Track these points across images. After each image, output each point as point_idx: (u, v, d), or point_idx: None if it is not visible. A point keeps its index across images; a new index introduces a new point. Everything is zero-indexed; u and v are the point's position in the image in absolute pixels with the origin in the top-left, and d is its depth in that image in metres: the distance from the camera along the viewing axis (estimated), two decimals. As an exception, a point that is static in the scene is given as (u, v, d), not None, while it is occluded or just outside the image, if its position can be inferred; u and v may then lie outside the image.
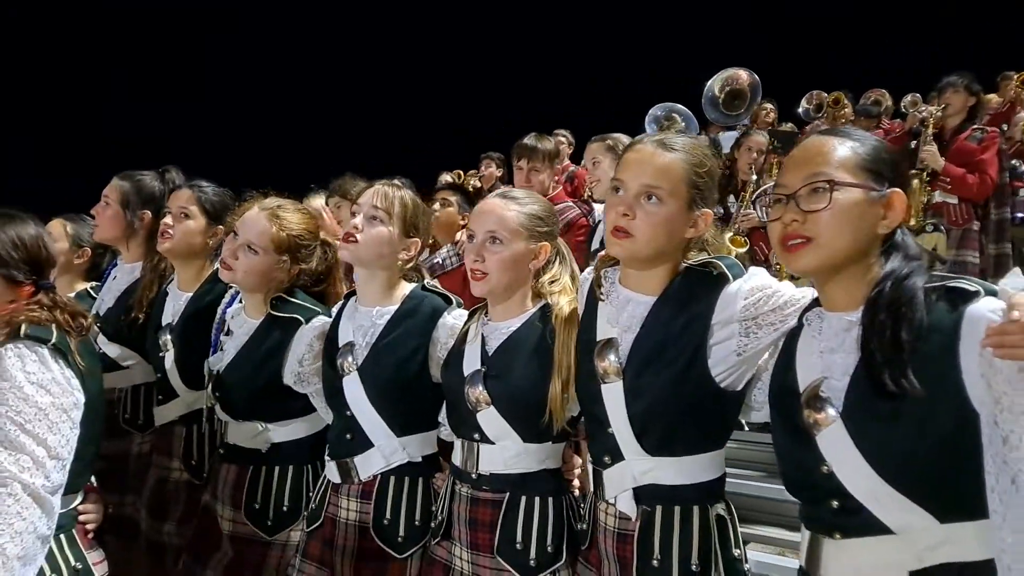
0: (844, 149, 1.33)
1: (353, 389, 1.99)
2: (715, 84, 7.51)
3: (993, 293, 1.21)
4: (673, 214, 1.58)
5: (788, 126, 6.82)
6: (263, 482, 2.15)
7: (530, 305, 1.87)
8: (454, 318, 2.02)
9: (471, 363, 1.85)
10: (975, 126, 4.84)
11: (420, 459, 2.01)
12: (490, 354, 1.84)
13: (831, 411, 1.29)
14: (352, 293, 2.15)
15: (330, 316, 2.18)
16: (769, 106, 7.28)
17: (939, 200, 4.74)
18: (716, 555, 1.57)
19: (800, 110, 7.56)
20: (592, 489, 1.72)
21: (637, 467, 1.59)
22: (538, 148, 3.69)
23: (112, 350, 2.64)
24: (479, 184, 6.83)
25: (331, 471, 2.04)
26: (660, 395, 1.56)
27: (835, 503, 1.28)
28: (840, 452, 1.27)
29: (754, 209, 4.43)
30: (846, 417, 1.27)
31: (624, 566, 1.60)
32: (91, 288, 2.93)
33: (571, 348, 1.75)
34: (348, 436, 2.01)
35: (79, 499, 1.76)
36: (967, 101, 4.86)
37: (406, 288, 2.08)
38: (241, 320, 2.26)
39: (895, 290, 1.27)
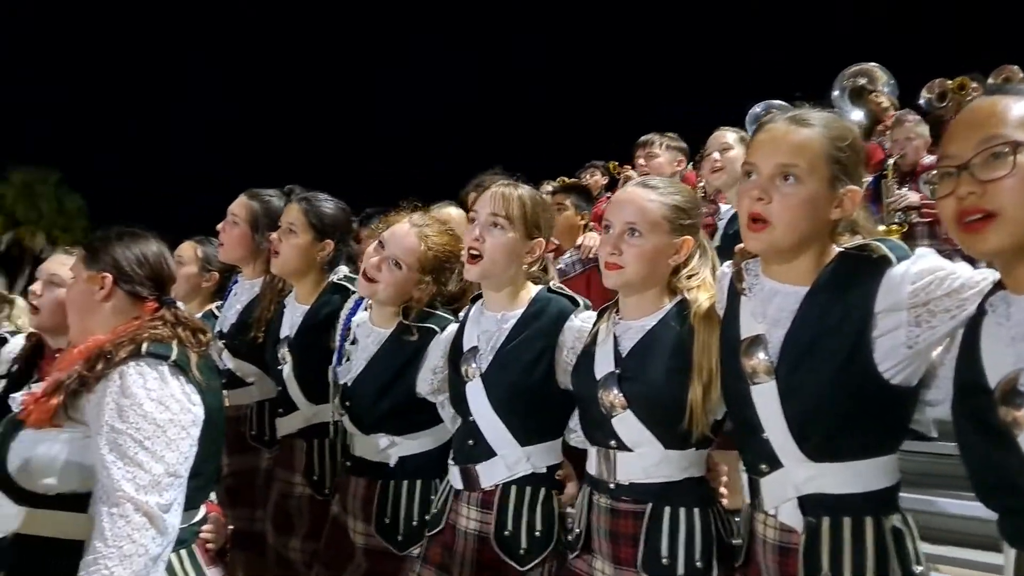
0: (1022, 107, 1.16)
1: (476, 395, 1.92)
2: (853, 68, 6.96)
3: None
4: (814, 194, 1.44)
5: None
6: (392, 497, 2.12)
7: (666, 301, 1.75)
8: (581, 320, 1.91)
9: (603, 365, 1.74)
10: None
11: (544, 469, 1.91)
12: (624, 355, 1.73)
13: None
14: (479, 296, 2.08)
15: None
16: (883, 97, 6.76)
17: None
18: (894, 574, 1.39)
19: (921, 101, 6.93)
20: (749, 499, 1.57)
21: (798, 475, 1.44)
22: (655, 138, 3.64)
23: (235, 366, 2.67)
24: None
25: (454, 476, 1.98)
26: (819, 394, 1.41)
27: None
28: None
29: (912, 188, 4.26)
30: None
31: None
32: (215, 308, 2.95)
33: (712, 348, 1.63)
34: (471, 442, 1.94)
35: (200, 514, 1.76)
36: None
37: (532, 290, 1.99)
38: (368, 329, 2.23)
39: None
